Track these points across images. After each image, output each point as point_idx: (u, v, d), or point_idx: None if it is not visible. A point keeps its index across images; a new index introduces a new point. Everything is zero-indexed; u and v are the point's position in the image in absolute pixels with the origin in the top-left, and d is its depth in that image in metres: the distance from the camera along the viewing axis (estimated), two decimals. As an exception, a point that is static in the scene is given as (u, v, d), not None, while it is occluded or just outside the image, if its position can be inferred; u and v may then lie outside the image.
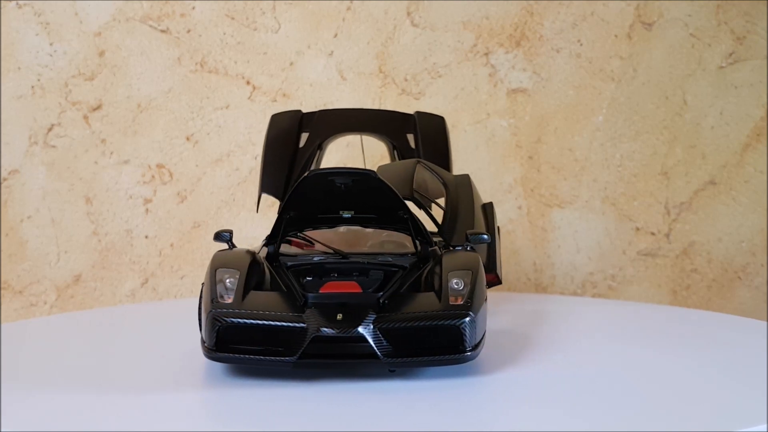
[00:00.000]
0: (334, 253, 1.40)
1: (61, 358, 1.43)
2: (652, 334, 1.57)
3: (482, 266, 1.36)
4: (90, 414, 1.14)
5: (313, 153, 1.76)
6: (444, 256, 1.37)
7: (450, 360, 1.24)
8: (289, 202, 1.38)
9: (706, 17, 2.14)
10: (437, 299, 1.27)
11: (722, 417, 1.07)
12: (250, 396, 1.19)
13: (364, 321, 1.23)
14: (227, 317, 1.25)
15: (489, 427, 1.06)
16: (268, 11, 2.21)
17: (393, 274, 1.34)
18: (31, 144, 2.19)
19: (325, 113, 1.82)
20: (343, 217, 1.40)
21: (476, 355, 1.26)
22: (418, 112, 1.82)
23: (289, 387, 1.22)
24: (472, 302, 1.26)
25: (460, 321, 1.24)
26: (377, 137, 1.81)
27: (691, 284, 2.15)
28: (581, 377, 1.27)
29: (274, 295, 1.30)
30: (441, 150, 1.76)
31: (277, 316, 1.25)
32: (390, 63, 2.21)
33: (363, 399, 1.18)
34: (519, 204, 2.19)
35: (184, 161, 2.21)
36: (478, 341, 1.27)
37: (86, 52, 2.19)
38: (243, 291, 1.29)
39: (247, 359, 1.25)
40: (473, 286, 1.29)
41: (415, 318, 1.24)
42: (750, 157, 2.13)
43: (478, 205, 1.60)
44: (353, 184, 1.33)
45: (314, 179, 1.33)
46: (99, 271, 2.20)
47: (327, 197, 1.39)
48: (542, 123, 2.18)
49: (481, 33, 2.19)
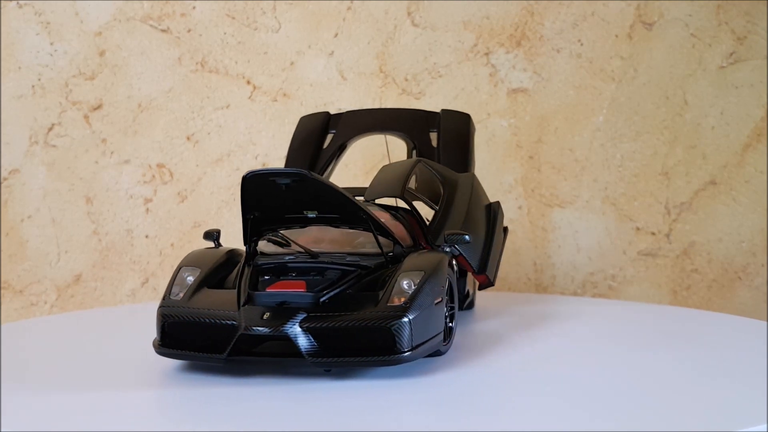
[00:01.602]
0: (305, 253, 1.40)
1: (61, 358, 1.43)
2: (652, 334, 1.57)
3: (447, 267, 1.34)
4: (90, 414, 1.14)
5: (334, 154, 1.77)
6: (409, 256, 1.37)
7: (381, 361, 1.24)
8: (244, 203, 1.37)
9: (707, 17, 2.14)
10: (379, 300, 1.27)
11: (722, 417, 1.07)
12: (253, 395, 1.19)
13: (290, 320, 1.24)
14: (171, 314, 1.31)
15: (488, 427, 1.06)
16: (269, 11, 2.21)
17: (349, 274, 1.34)
18: (32, 144, 2.19)
19: (352, 114, 1.84)
20: (308, 217, 1.39)
21: (415, 357, 1.25)
22: (444, 110, 1.81)
23: (290, 387, 1.22)
24: (411, 303, 1.25)
25: (392, 322, 1.23)
26: (399, 136, 1.80)
27: (691, 284, 2.15)
28: (581, 377, 1.27)
29: (224, 294, 1.33)
30: (461, 148, 1.74)
31: (212, 313, 1.28)
32: (390, 63, 2.21)
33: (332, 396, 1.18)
34: (519, 204, 2.19)
35: (185, 161, 2.21)
36: (420, 343, 1.25)
37: (87, 51, 2.19)
38: (195, 289, 1.34)
39: (185, 355, 1.29)
40: (421, 287, 1.28)
41: (344, 318, 1.24)
42: (750, 158, 2.13)
43: (477, 205, 1.59)
44: (294, 183, 1.31)
45: (253, 180, 1.32)
46: (99, 271, 2.20)
47: (286, 198, 1.36)
48: (543, 123, 2.18)
49: (481, 33, 2.19)
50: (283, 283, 1.31)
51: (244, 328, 1.25)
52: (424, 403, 1.17)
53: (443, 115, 1.80)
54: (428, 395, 1.19)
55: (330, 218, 1.39)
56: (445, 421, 1.09)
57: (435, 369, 1.31)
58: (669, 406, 1.12)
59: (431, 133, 1.78)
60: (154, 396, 1.20)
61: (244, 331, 1.24)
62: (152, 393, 1.22)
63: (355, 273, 1.35)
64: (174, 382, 1.26)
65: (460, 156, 1.72)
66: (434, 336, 1.29)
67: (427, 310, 1.27)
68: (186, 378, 1.28)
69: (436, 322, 1.30)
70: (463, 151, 1.74)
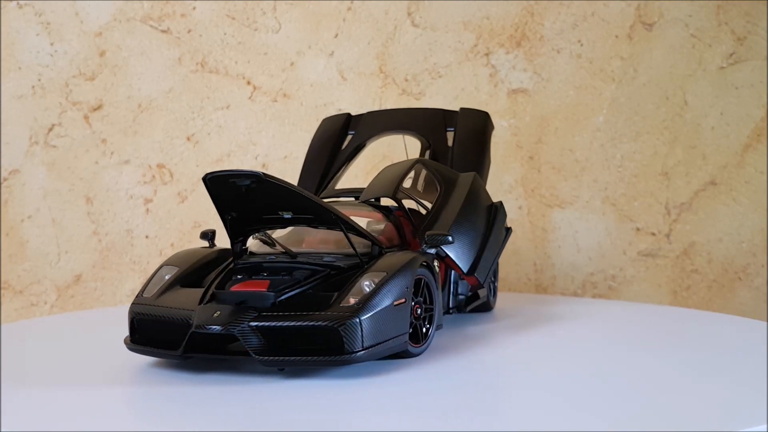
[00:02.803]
0: (285, 253, 1.42)
1: (61, 358, 1.43)
2: (652, 335, 1.57)
3: (416, 268, 1.34)
4: (90, 414, 1.14)
5: (351, 154, 1.79)
6: (384, 256, 1.37)
7: (329, 362, 1.24)
8: (216, 203, 1.39)
9: (707, 17, 2.14)
10: (333, 300, 1.28)
11: (722, 417, 1.07)
12: (256, 395, 1.19)
13: (241, 319, 1.25)
14: (138, 311, 1.35)
15: (487, 427, 1.06)
16: (269, 11, 2.21)
17: (316, 274, 1.35)
18: (32, 144, 2.19)
19: (371, 114, 1.86)
20: (284, 217, 1.40)
21: (367, 358, 1.25)
22: (462, 109, 1.81)
23: (291, 385, 1.22)
24: (364, 304, 1.25)
25: (340, 323, 1.23)
26: (415, 136, 1.80)
27: (691, 285, 2.15)
28: (581, 377, 1.27)
29: (192, 292, 1.36)
30: (474, 146, 1.73)
31: (171, 311, 1.32)
32: (390, 63, 2.21)
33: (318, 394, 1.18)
34: (519, 204, 2.19)
35: (185, 161, 2.21)
36: (374, 344, 1.25)
37: (87, 52, 2.19)
38: (168, 287, 1.37)
39: (149, 351, 1.33)
40: (379, 287, 1.28)
41: (295, 318, 1.25)
42: (750, 158, 2.13)
43: (473, 205, 1.57)
44: (254, 185, 1.32)
45: (214, 181, 1.34)
46: (99, 271, 2.20)
47: (257, 198, 1.38)
48: (543, 123, 2.18)
49: (481, 33, 2.19)
50: (248, 283, 1.32)
51: (195, 326, 1.27)
52: (419, 403, 1.17)
53: (461, 113, 1.80)
54: (424, 395, 1.19)
55: (305, 219, 1.40)
56: (443, 421, 1.09)
57: (433, 368, 1.31)
58: (669, 406, 1.12)
59: (448, 132, 1.78)
60: (154, 396, 1.20)
61: (195, 329, 1.27)
62: (152, 393, 1.22)
63: (324, 273, 1.35)
64: (176, 382, 1.26)
65: (473, 155, 1.71)
66: (394, 337, 1.29)
67: (385, 311, 1.27)
68: (187, 377, 1.28)
69: (397, 324, 1.30)
70: (476, 149, 1.73)
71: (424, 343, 1.37)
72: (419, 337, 1.36)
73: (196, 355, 1.29)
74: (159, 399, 1.19)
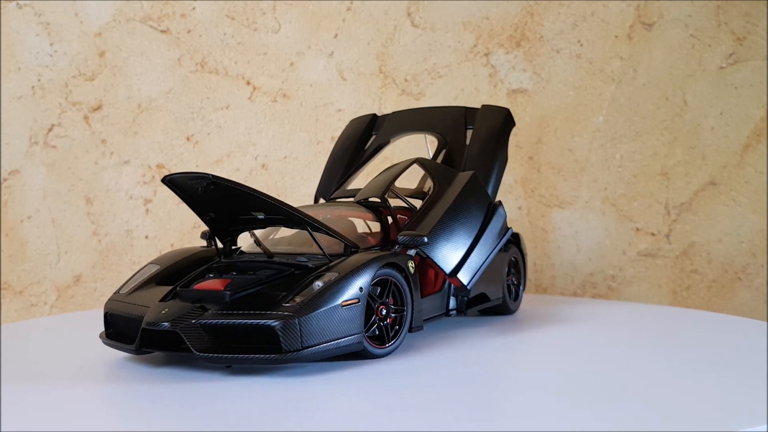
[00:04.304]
0: (263, 253, 1.47)
1: (61, 358, 1.43)
2: (652, 335, 1.57)
3: (375, 269, 1.34)
4: (90, 414, 1.14)
5: (370, 155, 1.82)
6: (354, 256, 1.38)
7: (266, 360, 1.25)
8: (188, 204, 1.43)
9: (707, 18, 2.14)
10: (278, 299, 1.29)
11: (722, 417, 1.07)
12: (260, 395, 1.19)
13: (185, 316, 1.28)
14: (110, 307, 1.41)
15: (486, 427, 1.06)
16: (269, 12, 2.21)
17: (279, 273, 1.37)
18: (32, 144, 2.19)
19: (395, 114, 1.87)
20: (258, 218, 1.43)
21: (306, 358, 1.26)
22: (484, 106, 1.80)
23: (290, 386, 1.23)
24: (306, 304, 1.26)
25: (275, 322, 1.24)
26: (434, 135, 1.80)
27: (691, 285, 2.15)
28: (581, 377, 1.27)
29: (162, 290, 1.39)
30: (489, 144, 1.71)
31: (131, 307, 1.36)
32: (390, 63, 2.21)
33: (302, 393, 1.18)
34: (519, 204, 2.19)
35: (185, 162, 2.21)
36: (315, 344, 1.26)
37: (86, 52, 2.19)
38: (143, 284, 1.42)
39: (117, 346, 1.37)
40: (326, 288, 1.29)
41: (237, 316, 1.26)
42: (750, 158, 2.13)
43: (463, 205, 1.55)
44: (211, 186, 1.35)
45: (172, 183, 1.38)
46: (99, 272, 2.20)
47: (222, 200, 1.41)
48: (542, 123, 2.18)
49: (481, 33, 2.19)
50: (210, 282, 1.35)
51: (144, 323, 1.30)
52: (414, 403, 1.17)
53: (480, 111, 1.79)
54: (421, 395, 1.19)
55: (277, 219, 1.43)
56: (437, 421, 1.09)
57: (429, 368, 1.31)
58: (669, 406, 1.12)
59: (468, 130, 1.77)
60: (154, 395, 1.20)
61: (144, 326, 1.30)
62: (152, 393, 1.22)
63: (287, 273, 1.37)
64: (176, 381, 1.26)
65: (486, 153, 1.70)
66: (343, 338, 1.29)
67: (330, 312, 1.27)
68: (189, 377, 1.28)
69: (347, 324, 1.30)
70: (489, 147, 1.71)
71: (391, 344, 1.37)
72: (385, 338, 1.37)
73: (151, 350, 1.32)
74: (159, 399, 1.19)
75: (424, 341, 1.49)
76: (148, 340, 1.31)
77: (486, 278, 1.63)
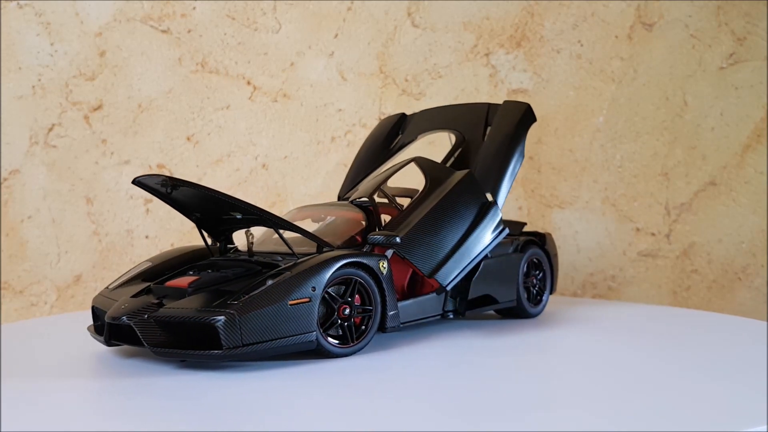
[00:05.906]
0: (247, 252, 1.50)
1: (61, 358, 1.43)
2: (652, 335, 1.57)
3: (327, 268, 1.34)
4: (90, 414, 1.14)
5: (394, 154, 1.83)
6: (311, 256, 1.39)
7: (208, 356, 1.27)
8: (173, 206, 1.47)
9: (707, 18, 2.14)
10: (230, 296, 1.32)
11: (722, 417, 1.07)
12: (259, 395, 1.19)
13: (140, 311, 1.32)
14: (96, 301, 1.45)
15: (485, 427, 1.06)
16: (269, 12, 2.21)
17: (248, 272, 1.40)
18: (32, 144, 2.19)
19: (422, 113, 1.89)
20: (237, 218, 1.46)
21: (246, 356, 1.27)
22: (506, 102, 1.77)
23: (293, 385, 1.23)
24: (246, 302, 1.27)
25: (214, 318, 1.26)
26: (455, 132, 1.80)
27: (691, 285, 2.15)
28: (581, 377, 1.27)
29: (141, 286, 1.43)
30: (502, 141, 1.68)
31: (104, 302, 1.42)
32: (390, 63, 2.21)
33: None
34: (519, 204, 2.19)
35: (185, 162, 2.21)
36: (256, 341, 1.27)
37: (87, 52, 2.19)
38: (129, 280, 1.46)
39: (97, 338, 1.42)
40: (274, 286, 1.30)
41: (182, 312, 1.29)
42: (750, 158, 2.13)
43: (450, 205, 1.54)
44: (177, 186, 1.38)
45: (143, 185, 1.41)
46: (99, 272, 2.20)
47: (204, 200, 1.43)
48: (543, 124, 2.18)
49: (481, 34, 2.19)
50: (179, 279, 1.39)
51: (106, 317, 1.36)
52: (411, 404, 1.17)
53: (501, 107, 1.76)
54: (419, 395, 1.19)
55: (253, 219, 1.45)
56: (434, 422, 1.09)
57: (428, 368, 1.31)
58: (669, 406, 1.12)
59: (489, 127, 1.76)
60: (155, 395, 1.20)
61: (105, 319, 1.36)
62: (152, 392, 1.22)
63: (254, 271, 1.39)
64: (177, 381, 1.26)
65: (498, 150, 1.67)
66: (290, 336, 1.30)
67: (275, 309, 1.28)
68: (189, 376, 1.28)
69: (295, 323, 1.30)
70: (502, 144, 1.67)
71: (355, 344, 1.37)
72: (349, 337, 1.37)
73: (120, 343, 1.37)
74: (159, 399, 1.19)
75: (415, 341, 1.49)
76: (117, 334, 1.36)
77: (493, 279, 1.61)
